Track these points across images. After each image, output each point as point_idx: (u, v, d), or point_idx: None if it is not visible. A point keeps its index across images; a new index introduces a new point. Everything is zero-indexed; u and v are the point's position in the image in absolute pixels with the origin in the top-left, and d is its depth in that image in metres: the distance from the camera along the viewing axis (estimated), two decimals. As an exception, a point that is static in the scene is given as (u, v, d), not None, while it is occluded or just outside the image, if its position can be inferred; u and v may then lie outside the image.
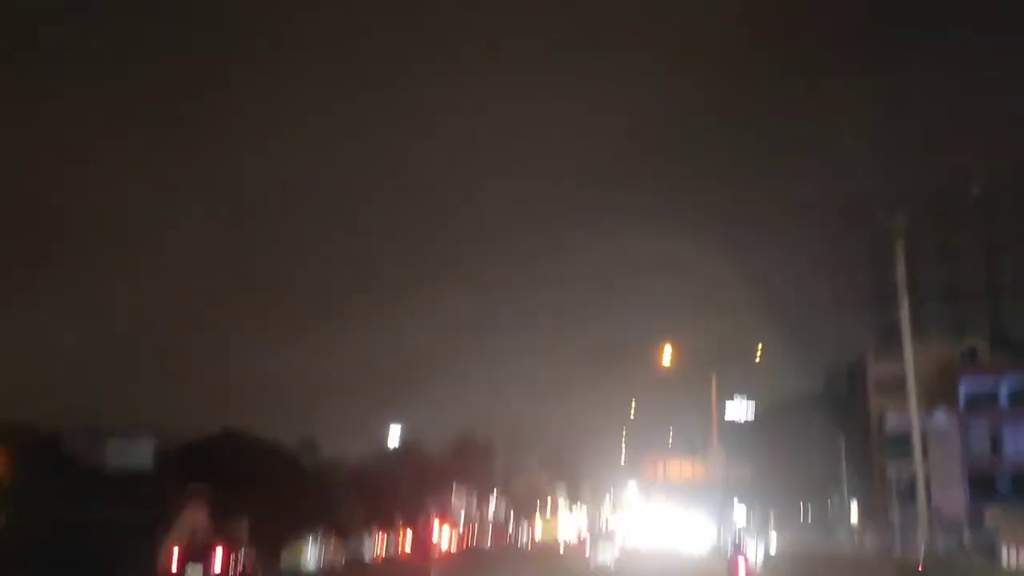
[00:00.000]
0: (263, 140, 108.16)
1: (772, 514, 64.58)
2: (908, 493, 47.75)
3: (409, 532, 51.42)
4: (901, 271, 18.05)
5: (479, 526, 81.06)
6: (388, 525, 50.06)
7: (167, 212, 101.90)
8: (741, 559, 26.92)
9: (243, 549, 23.92)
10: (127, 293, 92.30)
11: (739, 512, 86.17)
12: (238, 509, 32.48)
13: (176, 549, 21.66)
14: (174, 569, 21.27)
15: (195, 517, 26.88)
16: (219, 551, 20.63)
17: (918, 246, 61.08)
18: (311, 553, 28.40)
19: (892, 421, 50.35)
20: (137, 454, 26.87)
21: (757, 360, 33.75)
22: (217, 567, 20.69)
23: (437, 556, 48.42)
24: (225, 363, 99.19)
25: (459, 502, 77.37)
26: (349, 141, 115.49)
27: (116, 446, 27.20)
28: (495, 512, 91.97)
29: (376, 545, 39.12)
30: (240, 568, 22.01)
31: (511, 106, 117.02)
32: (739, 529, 77.92)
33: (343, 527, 41.49)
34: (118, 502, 26.00)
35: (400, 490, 59.70)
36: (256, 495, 34.28)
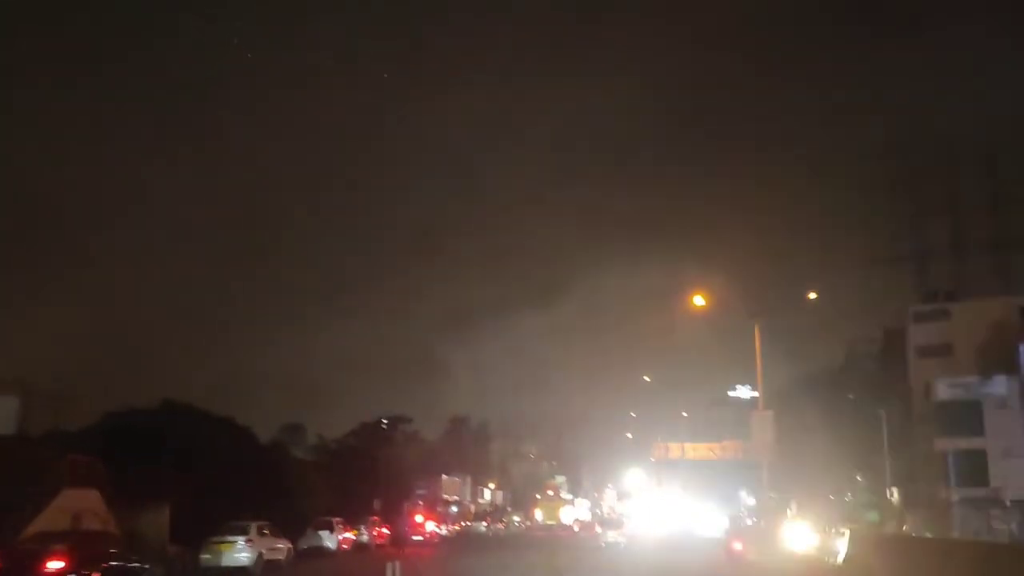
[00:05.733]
0: (265, 134, 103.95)
1: (795, 495, 58.74)
2: (966, 469, 41.48)
3: (390, 515, 45.44)
4: None
5: (473, 509, 75.34)
6: (365, 508, 44.11)
7: (167, 205, 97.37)
8: (737, 540, 26.43)
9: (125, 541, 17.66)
10: (124, 283, 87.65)
11: (748, 493, 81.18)
12: (159, 491, 26.26)
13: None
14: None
15: (78, 500, 20.52)
16: (56, 564, 14.13)
17: (962, 195, 54.83)
18: (244, 543, 21.75)
19: (942, 389, 43.86)
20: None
21: (813, 297, 27.45)
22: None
23: (422, 540, 42.62)
24: (225, 350, 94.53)
25: (452, 485, 71.66)
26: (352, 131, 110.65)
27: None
28: (492, 496, 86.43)
29: (343, 531, 32.71)
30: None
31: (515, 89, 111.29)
32: (744, 508, 73.32)
33: (304, 512, 35.23)
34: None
35: (383, 472, 53.57)
36: (187, 476, 28.11)
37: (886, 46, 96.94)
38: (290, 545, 25.61)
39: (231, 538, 21.86)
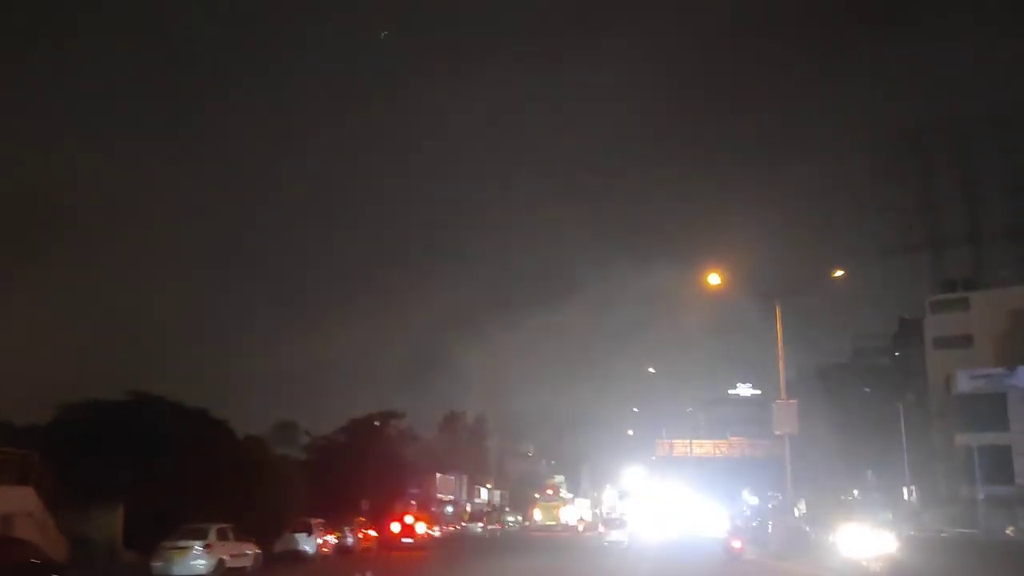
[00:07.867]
0: (268, 138, 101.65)
1: (802, 494, 56.42)
2: (990, 465, 39.05)
3: (381, 516, 42.93)
4: None
5: (469, 509, 72.91)
6: (353, 509, 41.65)
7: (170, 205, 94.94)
8: (737, 539, 26.47)
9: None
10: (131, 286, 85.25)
11: (751, 492, 78.98)
12: (114, 490, 23.77)
13: None
14: None
15: (9, 500, 18.09)
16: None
17: (980, 183, 52.39)
18: (201, 548, 19.25)
19: (963, 381, 41.46)
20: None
21: (839, 275, 25.13)
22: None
23: (412, 543, 40.13)
24: (221, 348, 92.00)
25: (447, 484, 69.20)
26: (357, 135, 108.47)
27: None
28: (489, 496, 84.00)
29: (323, 534, 30.17)
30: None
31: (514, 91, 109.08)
32: (747, 508, 71.14)
33: (285, 513, 32.68)
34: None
35: (374, 470, 51.06)
36: (148, 473, 25.59)
37: (901, 35, 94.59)
38: (258, 550, 23.03)
39: (185, 543, 19.29)
